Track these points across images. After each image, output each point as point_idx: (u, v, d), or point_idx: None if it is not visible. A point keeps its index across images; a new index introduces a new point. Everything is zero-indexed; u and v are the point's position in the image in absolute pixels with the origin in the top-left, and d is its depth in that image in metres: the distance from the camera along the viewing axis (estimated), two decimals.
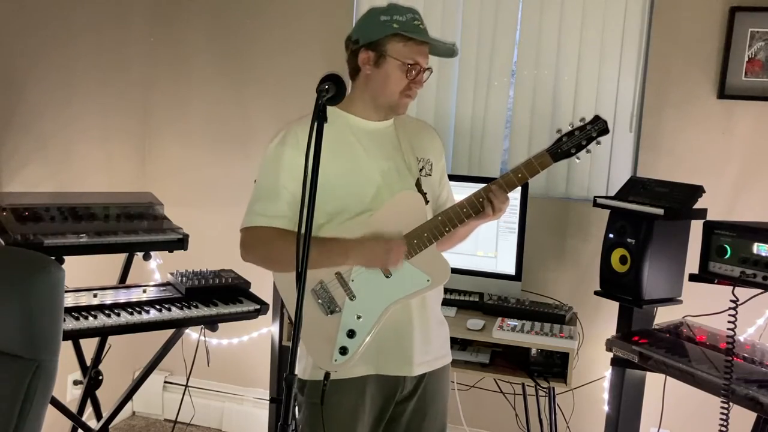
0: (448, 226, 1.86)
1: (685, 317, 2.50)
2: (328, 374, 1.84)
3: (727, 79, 2.87)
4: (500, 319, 2.69)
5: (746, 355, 2.18)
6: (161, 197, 2.91)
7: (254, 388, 3.59)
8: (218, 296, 2.70)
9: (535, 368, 2.61)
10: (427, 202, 1.93)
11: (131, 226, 2.68)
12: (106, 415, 2.78)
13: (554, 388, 2.62)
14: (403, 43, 1.84)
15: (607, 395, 2.72)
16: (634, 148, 3.08)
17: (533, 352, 2.62)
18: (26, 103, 2.90)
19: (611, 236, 2.57)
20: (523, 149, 3.19)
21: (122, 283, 2.85)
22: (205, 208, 3.52)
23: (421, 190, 1.92)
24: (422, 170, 1.98)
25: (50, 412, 1.83)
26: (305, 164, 1.52)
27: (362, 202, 1.87)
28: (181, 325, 2.60)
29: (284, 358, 2.91)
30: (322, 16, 3.35)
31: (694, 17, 2.92)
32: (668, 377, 2.26)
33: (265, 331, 3.42)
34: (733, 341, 2.03)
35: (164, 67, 3.60)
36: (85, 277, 2.81)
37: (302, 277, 1.46)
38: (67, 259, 2.42)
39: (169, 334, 2.71)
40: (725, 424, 2.01)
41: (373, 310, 1.84)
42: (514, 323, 2.65)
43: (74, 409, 2.79)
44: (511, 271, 2.93)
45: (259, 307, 2.68)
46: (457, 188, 2.17)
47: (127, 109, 3.51)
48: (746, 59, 2.84)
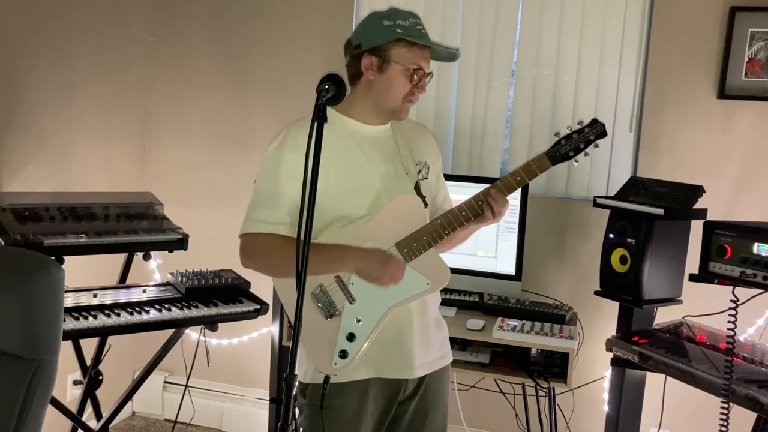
0: (447, 229, 1.86)
1: (685, 317, 2.50)
2: (327, 378, 1.83)
3: (727, 79, 2.87)
4: (500, 319, 2.69)
5: (746, 355, 2.18)
6: (161, 197, 2.91)
7: (254, 388, 3.59)
8: (218, 296, 2.70)
9: (535, 368, 2.61)
10: (426, 205, 1.92)
11: (131, 226, 2.68)
12: (106, 415, 2.78)
13: (554, 388, 2.62)
14: (407, 48, 1.83)
15: (607, 395, 2.72)
16: (634, 148, 3.08)
17: (533, 352, 2.62)
18: (26, 103, 2.90)
19: (611, 236, 2.57)
20: (523, 149, 3.19)
21: (122, 283, 2.85)
22: (205, 208, 3.52)
23: (420, 193, 1.92)
24: (419, 173, 1.97)
25: (50, 412, 1.83)
26: (305, 164, 1.51)
27: (361, 206, 1.86)
28: (181, 325, 2.60)
29: (284, 358, 2.91)
30: (322, 16, 3.35)
31: (694, 17, 2.92)
32: (668, 377, 2.26)
33: (265, 331, 3.42)
34: (733, 341, 2.03)
35: (164, 67, 3.60)
36: (85, 277, 2.81)
37: (302, 279, 1.45)
38: (67, 259, 2.41)
39: (169, 334, 2.71)
40: (725, 424, 2.01)
41: (372, 313, 1.83)
42: (514, 323, 2.65)
43: (74, 409, 2.79)
44: (511, 271, 2.93)
45: (259, 307, 2.68)
46: (457, 188, 2.17)
47: (127, 109, 3.51)
48: (746, 59, 2.84)
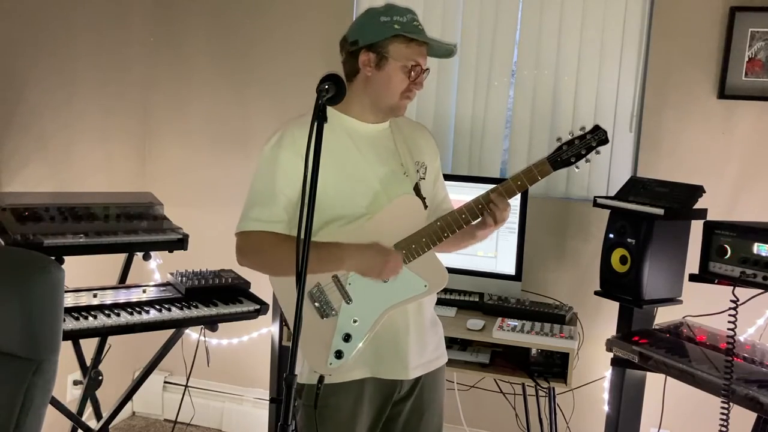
0: (446, 231, 1.85)
1: (685, 317, 2.50)
2: (322, 378, 1.82)
3: (727, 79, 2.87)
4: (500, 319, 2.69)
5: (746, 355, 2.18)
6: (161, 197, 2.91)
7: (254, 388, 3.59)
8: (218, 296, 2.70)
9: (535, 368, 2.61)
10: (426, 207, 1.92)
11: (131, 226, 2.68)
12: (106, 415, 2.78)
13: (554, 388, 2.62)
14: (405, 44, 1.83)
15: (607, 395, 2.72)
16: (634, 148, 3.08)
17: (533, 352, 2.62)
18: (26, 103, 2.90)
19: (611, 236, 2.57)
20: (523, 149, 3.19)
21: (122, 283, 2.85)
22: (205, 208, 3.52)
23: (420, 194, 1.91)
24: (417, 173, 1.97)
25: (50, 412, 1.83)
26: (305, 165, 1.50)
27: (360, 206, 1.86)
28: (181, 325, 2.60)
29: (284, 358, 2.91)
30: (322, 17, 3.35)
31: (694, 17, 2.92)
32: (668, 377, 2.26)
33: (265, 331, 3.42)
34: (733, 341, 2.03)
35: (164, 67, 3.60)
36: (85, 277, 2.81)
37: (302, 279, 1.45)
38: (67, 259, 2.42)
39: (169, 334, 2.71)
40: (725, 424, 2.01)
41: (369, 314, 1.83)
42: (514, 323, 2.65)
43: (74, 409, 2.79)
44: (511, 271, 2.93)
45: (259, 307, 2.68)
46: (457, 188, 2.17)
47: (127, 109, 3.51)
48: (746, 59, 2.84)
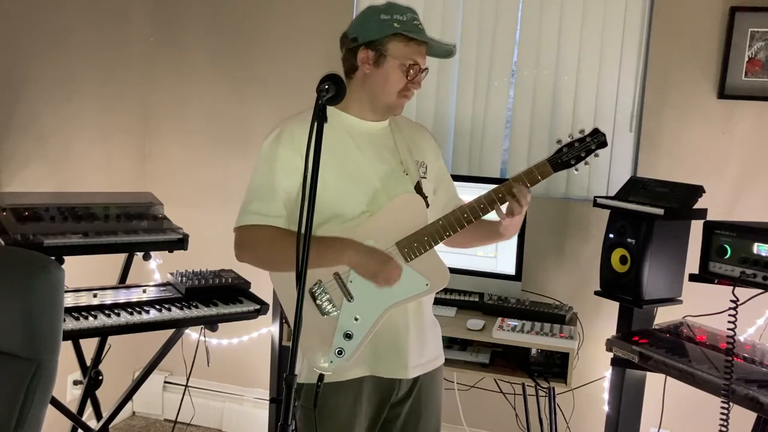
0: (448, 230, 1.85)
1: (685, 317, 2.50)
2: (321, 377, 1.82)
3: (727, 79, 2.87)
4: (500, 319, 2.69)
5: (746, 355, 2.18)
6: (161, 197, 2.90)
7: (254, 388, 3.59)
8: (218, 296, 2.70)
9: (535, 368, 2.61)
10: (428, 205, 1.91)
11: (131, 226, 2.68)
12: (106, 415, 2.78)
13: (554, 388, 2.62)
14: (404, 43, 1.83)
15: (607, 395, 2.72)
16: (634, 148, 3.08)
17: (533, 352, 2.62)
18: (26, 102, 2.90)
19: (611, 236, 2.57)
20: (523, 149, 3.19)
21: (122, 283, 2.85)
22: (205, 208, 3.52)
23: (421, 192, 1.91)
24: (418, 171, 1.96)
25: (50, 412, 1.83)
26: (305, 165, 1.50)
27: (360, 203, 1.86)
28: (181, 325, 2.60)
29: (284, 358, 2.91)
30: (322, 15, 3.35)
31: (694, 17, 2.92)
32: (668, 377, 2.26)
33: (265, 331, 3.42)
34: (733, 341, 2.03)
35: (164, 65, 3.60)
36: (85, 277, 2.81)
37: (302, 277, 1.45)
38: (67, 259, 2.41)
39: (169, 334, 2.71)
40: (725, 424, 2.01)
41: (370, 312, 1.82)
42: (514, 323, 2.65)
43: (74, 409, 2.79)
44: (511, 271, 2.93)
45: (259, 307, 2.68)
46: (457, 188, 2.16)
47: (127, 108, 3.51)
48: (746, 59, 2.84)
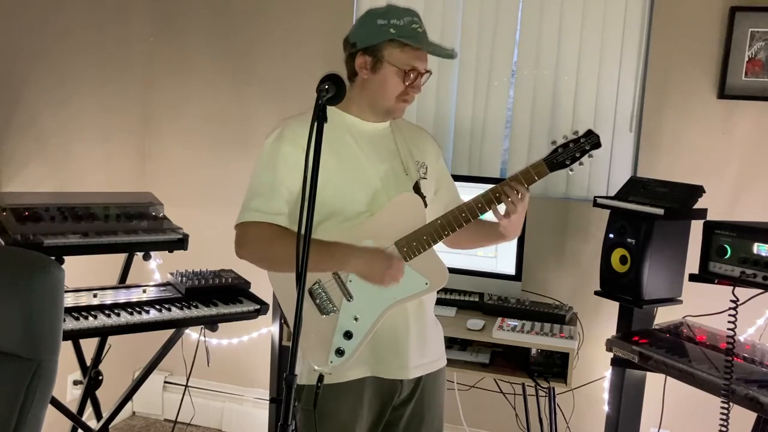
0: (447, 229, 1.85)
1: (685, 317, 2.50)
2: (321, 377, 1.81)
3: (727, 79, 2.87)
4: (500, 319, 2.69)
5: (746, 355, 2.18)
6: (161, 197, 2.90)
7: (254, 388, 3.59)
8: (218, 296, 2.70)
9: (535, 368, 2.61)
10: (426, 205, 1.91)
11: (131, 226, 2.68)
12: (106, 415, 2.78)
13: (554, 388, 2.62)
14: (400, 49, 1.82)
15: (607, 395, 2.72)
16: (634, 148, 3.08)
17: (533, 352, 2.62)
18: (26, 102, 2.90)
19: (611, 236, 2.57)
20: (523, 149, 3.19)
21: (122, 283, 2.85)
22: (205, 208, 3.52)
23: (420, 192, 1.91)
24: (418, 172, 1.96)
25: (50, 412, 1.82)
26: (305, 165, 1.50)
27: (359, 202, 1.86)
28: (181, 325, 2.60)
29: (284, 358, 2.91)
30: (322, 15, 3.35)
31: (694, 17, 2.92)
32: (668, 377, 2.26)
33: (265, 331, 3.42)
34: (733, 341, 2.03)
35: (164, 66, 3.60)
36: (85, 277, 2.81)
37: (302, 277, 1.45)
38: (67, 259, 2.41)
39: (169, 334, 2.71)
40: (725, 424, 2.01)
41: (370, 311, 1.82)
42: (514, 323, 2.65)
43: (74, 409, 2.79)
44: (511, 271, 2.93)
45: (259, 307, 2.68)
46: (457, 188, 2.16)
47: (127, 108, 3.51)
48: (746, 59, 2.84)
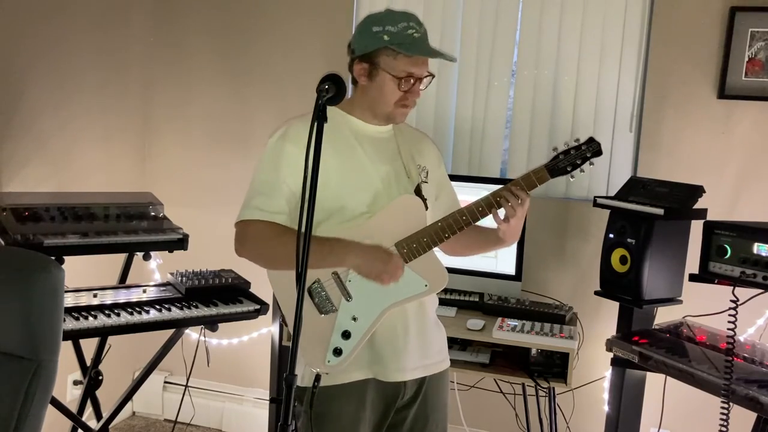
0: (447, 232, 1.85)
1: (685, 317, 2.50)
2: (318, 377, 1.80)
3: (727, 79, 2.87)
4: (500, 319, 2.69)
5: (746, 355, 2.18)
6: (161, 197, 2.90)
7: (254, 388, 3.59)
8: (218, 296, 2.70)
9: (535, 368, 2.61)
10: (427, 207, 1.91)
11: (131, 226, 2.68)
12: (106, 415, 2.78)
13: (554, 388, 2.62)
14: (393, 56, 1.80)
15: (607, 395, 2.72)
16: (634, 148, 3.08)
17: (533, 352, 2.62)
18: (26, 102, 2.90)
19: (611, 236, 2.57)
20: (523, 149, 3.19)
21: (122, 283, 2.85)
22: (205, 208, 3.52)
23: (421, 195, 1.91)
24: (419, 175, 1.96)
25: (50, 412, 1.82)
26: (305, 164, 1.50)
27: (361, 202, 1.85)
28: (181, 325, 2.60)
29: (284, 358, 2.91)
30: (322, 15, 3.35)
31: (694, 17, 2.92)
32: (668, 377, 2.26)
33: (265, 331, 3.42)
34: (733, 341, 2.03)
35: (164, 67, 3.60)
36: (85, 277, 2.81)
37: (302, 277, 1.45)
38: (67, 259, 2.41)
39: (169, 334, 2.71)
40: (725, 424, 2.01)
41: (369, 312, 1.82)
42: (514, 323, 2.65)
43: (74, 409, 2.79)
44: (511, 271, 2.93)
45: (259, 307, 2.68)
46: (457, 188, 2.16)
47: (127, 108, 3.51)
48: (746, 59, 2.84)
